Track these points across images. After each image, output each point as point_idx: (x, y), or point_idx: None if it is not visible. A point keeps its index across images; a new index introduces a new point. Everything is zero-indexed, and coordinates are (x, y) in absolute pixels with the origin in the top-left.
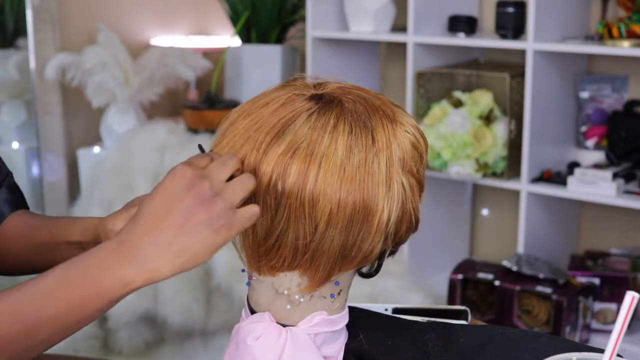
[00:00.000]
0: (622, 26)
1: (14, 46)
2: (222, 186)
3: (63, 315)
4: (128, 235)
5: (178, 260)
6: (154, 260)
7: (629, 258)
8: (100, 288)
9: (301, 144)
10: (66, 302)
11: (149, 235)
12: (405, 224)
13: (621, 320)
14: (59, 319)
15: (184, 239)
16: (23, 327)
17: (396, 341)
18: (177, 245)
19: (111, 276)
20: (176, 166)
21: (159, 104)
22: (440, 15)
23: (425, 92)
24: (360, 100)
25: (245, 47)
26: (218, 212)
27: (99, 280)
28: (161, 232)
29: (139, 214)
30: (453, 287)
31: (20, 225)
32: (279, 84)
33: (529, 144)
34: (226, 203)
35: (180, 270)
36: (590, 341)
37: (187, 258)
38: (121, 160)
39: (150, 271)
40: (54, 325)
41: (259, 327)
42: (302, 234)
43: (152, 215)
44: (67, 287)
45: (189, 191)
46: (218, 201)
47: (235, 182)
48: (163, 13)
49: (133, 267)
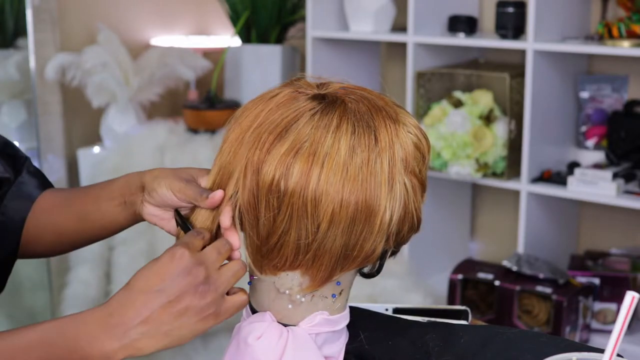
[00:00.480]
0: (622, 26)
1: (14, 46)
2: (216, 274)
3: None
4: (118, 309)
5: (164, 341)
6: (141, 339)
7: (629, 258)
8: (83, 355)
9: (304, 143)
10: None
11: (140, 313)
12: (407, 224)
13: (621, 320)
14: None
15: (172, 322)
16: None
17: (397, 341)
18: (165, 327)
19: (95, 347)
20: (174, 247)
21: (159, 104)
22: (440, 15)
23: (425, 92)
24: (363, 101)
25: (245, 47)
26: (209, 302)
27: (83, 348)
28: (152, 312)
29: (132, 287)
30: (453, 287)
31: (55, 198)
32: (282, 83)
33: (529, 144)
34: (217, 293)
35: (163, 349)
36: (590, 341)
37: (172, 340)
38: (121, 160)
39: (135, 348)
40: None
41: (260, 326)
42: (304, 233)
43: (146, 293)
44: (49, 349)
45: (185, 278)
46: (211, 291)
47: (228, 269)
48: (163, 13)
49: (118, 342)
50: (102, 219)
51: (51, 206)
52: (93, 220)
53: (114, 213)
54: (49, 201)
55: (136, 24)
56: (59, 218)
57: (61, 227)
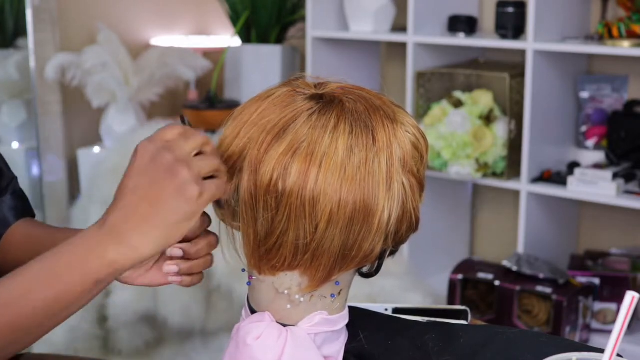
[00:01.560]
0: (622, 26)
1: (14, 46)
2: (187, 158)
3: (51, 301)
4: (107, 217)
5: (155, 233)
6: (132, 237)
7: (629, 258)
8: (85, 269)
9: (302, 143)
10: (52, 287)
11: (125, 213)
12: (405, 224)
13: (621, 320)
14: (47, 306)
15: (156, 212)
16: (10, 317)
17: (396, 341)
18: (152, 219)
19: (94, 256)
20: (139, 143)
21: (159, 104)
22: (440, 15)
23: (425, 92)
24: (361, 100)
25: (245, 47)
26: (183, 180)
27: (83, 261)
28: (134, 208)
29: (116, 196)
30: (453, 287)
31: (23, 235)
32: (280, 83)
33: (529, 144)
34: (191, 172)
35: (163, 244)
36: (590, 341)
37: (164, 231)
38: (121, 160)
39: (132, 248)
40: (41, 314)
41: (259, 326)
42: (302, 233)
43: (125, 194)
44: (52, 271)
45: (151, 164)
46: (181, 169)
47: (200, 157)
48: (163, 13)
49: (114, 246)
50: None
51: (21, 242)
52: None
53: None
54: (20, 237)
55: (136, 24)
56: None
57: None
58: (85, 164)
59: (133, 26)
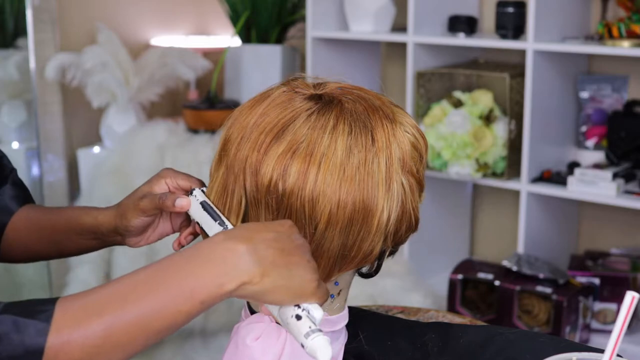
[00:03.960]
0: (622, 26)
1: (14, 46)
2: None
3: (148, 316)
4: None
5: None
6: (252, 270)
7: (629, 258)
8: (193, 286)
9: (301, 144)
10: (154, 300)
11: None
12: (405, 224)
13: (621, 320)
14: (144, 320)
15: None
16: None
17: (396, 341)
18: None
19: (204, 275)
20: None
21: (159, 104)
22: (440, 15)
23: (425, 92)
24: (360, 101)
25: (245, 47)
26: (314, 263)
27: (194, 278)
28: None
29: (240, 225)
30: (453, 287)
31: (27, 218)
32: (279, 83)
33: (529, 144)
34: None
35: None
36: (590, 341)
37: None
38: (121, 160)
39: (246, 274)
40: (136, 327)
41: (258, 327)
42: (302, 234)
43: (262, 232)
44: (157, 283)
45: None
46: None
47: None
48: (163, 13)
49: (226, 269)
50: (74, 248)
51: (23, 227)
52: (64, 247)
53: (86, 245)
54: (22, 221)
55: (136, 24)
56: (29, 240)
57: (32, 248)
58: (85, 164)
59: (133, 26)
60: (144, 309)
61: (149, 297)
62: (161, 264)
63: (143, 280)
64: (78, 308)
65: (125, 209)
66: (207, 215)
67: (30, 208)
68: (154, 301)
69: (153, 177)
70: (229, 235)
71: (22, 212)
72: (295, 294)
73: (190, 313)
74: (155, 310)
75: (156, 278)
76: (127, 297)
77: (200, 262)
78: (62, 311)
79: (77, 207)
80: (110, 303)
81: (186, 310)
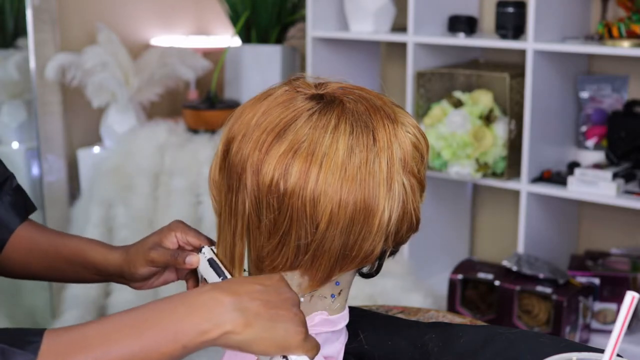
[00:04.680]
0: (622, 26)
1: (14, 46)
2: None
3: (132, 356)
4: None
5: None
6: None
7: (629, 258)
8: (176, 330)
9: (302, 143)
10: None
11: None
12: (406, 224)
13: (621, 320)
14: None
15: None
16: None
17: (396, 341)
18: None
19: (188, 320)
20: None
21: (159, 104)
22: (440, 15)
23: (425, 92)
24: (362, 100)
25: (245, 47)
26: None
27: (178, 323)
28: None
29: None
30: (453, 287)
31: (29, 239)
32: (280, 82)
33: (529, 144)
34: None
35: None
36: (590, 341)
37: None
38: (121, 160)
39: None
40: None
41: None
42: (303, 233)
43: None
44: (143, 325)
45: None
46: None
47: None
48: (163, 13)
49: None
50: (75, 277)
51: (24, 247)
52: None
53: (89, 278)
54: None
55: (136, 24)
56: (29, 261)
57: (31, 270)
58: (85, 164)
59: (133, 26)
60: (127, 348)
61: (133, 338)
62: (148, 306)
63: (130, 321)
64: (65, 342)
65: (135, 257)
66: (213, 271)
67: (32, 228)
68: (138, 342)
69: (164, 228)
70: (216, 286)
71: (24, 231)
72: (280, 345)
73: (173, 355)
74: (139, 350)
75: (142, 320)
76: (112, 336)
77: (185, 308)
78: (49, 344)
79: (83, 239)
80: (96, 340)
81: (169, 352)
